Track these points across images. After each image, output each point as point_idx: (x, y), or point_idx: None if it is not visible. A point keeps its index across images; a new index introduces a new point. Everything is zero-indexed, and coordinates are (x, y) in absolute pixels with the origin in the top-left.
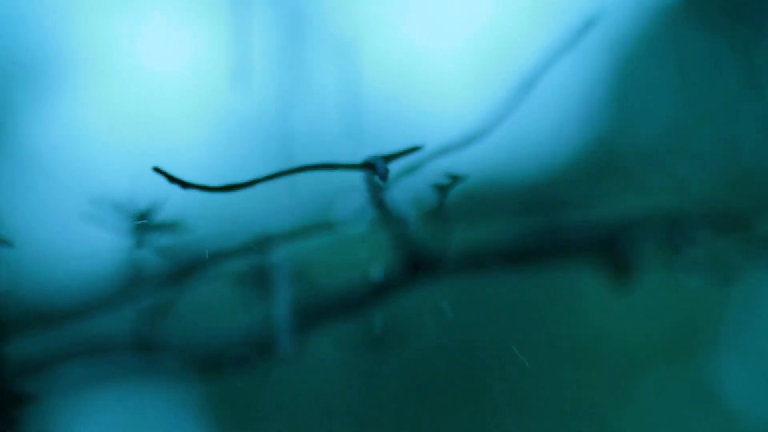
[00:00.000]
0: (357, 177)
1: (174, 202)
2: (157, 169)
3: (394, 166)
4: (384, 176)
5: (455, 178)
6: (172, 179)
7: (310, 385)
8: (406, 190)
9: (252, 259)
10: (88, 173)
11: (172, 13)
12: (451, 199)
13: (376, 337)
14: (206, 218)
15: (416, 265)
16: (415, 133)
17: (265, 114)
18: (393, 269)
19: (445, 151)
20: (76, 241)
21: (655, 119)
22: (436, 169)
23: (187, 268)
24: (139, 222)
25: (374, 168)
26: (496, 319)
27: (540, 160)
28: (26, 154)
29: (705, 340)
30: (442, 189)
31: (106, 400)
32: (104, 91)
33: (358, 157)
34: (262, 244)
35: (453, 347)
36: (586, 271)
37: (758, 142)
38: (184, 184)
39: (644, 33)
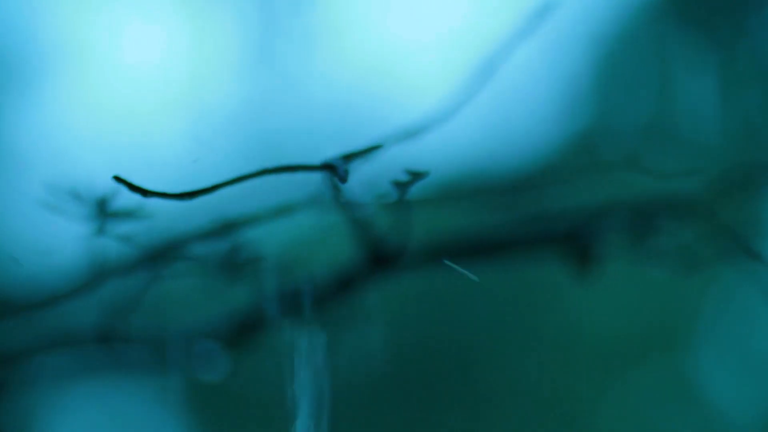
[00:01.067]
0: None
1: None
2: (117, 178)
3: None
4: (344, 178)
5: (416, 175)
6: (132, 188)
7: (274, 377)
8: (368, 182)
9: (216, 248)
10: (67, 168)
11: (152, 10)
12: (421, 191)
13: (336, 327)
14: (169, 205)
15: (377, 258)
16: (389, 128)
17: (244, 108)
18: (356, 262)
19: (402, 138)
20: (43, 232)
21: (636, 114)
22: (403, 160)
23: (151, 256)
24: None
25: (334, 169)
26: (470, 312)
27: (520, 154)
28: (5, 148)
29: (682, 335)
30: (402, 185)
31: (77, 394)
32: (84, 87)
33: (335, 149)
34: (225, 231)
35: (425, 340)
36: (554, 264)
37: (739, 135)
38: (145, 192)
39: (626, 28)
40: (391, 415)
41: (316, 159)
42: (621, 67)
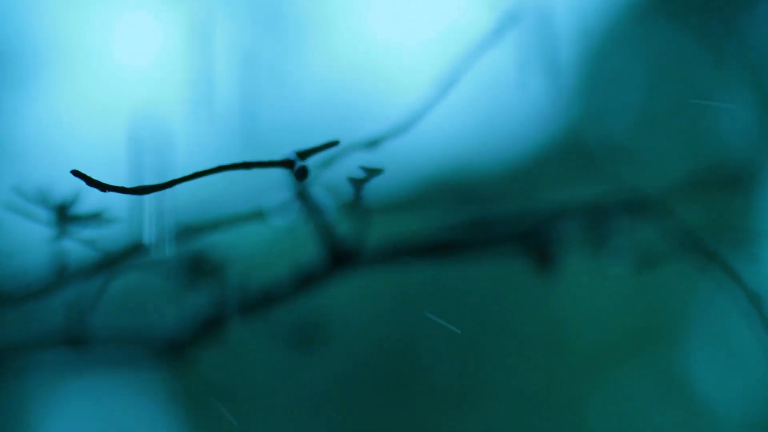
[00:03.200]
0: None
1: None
2: (75, 172)
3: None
4: (302, 173)
5: (372, 171)
6: (90, 182)
7: (239, 375)
8: (330, 182)
9: (180, 249)
10: (60, 164)
11: (144, 7)
12: (387, 192)
13: (301, 328)
14: (133, 208)
15: (337, 256)
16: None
17: (235, 105)
18: (317, 260)
19: (369, 144)
20: (8, 234)
21: (624, 111)
22: (376, 163)
23: (114, 258)
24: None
25: (292, 165)
26: (446, 312)
27: (505, 150)
28: None
29: (667, 332)
30: (358, 182)
31: (49, 393)
32: (76, 83)
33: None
34: (188, 233)
35: (400, 338)
36: (517, 262)
37: (726, 133)
38: (104, 187)
39: (613, 25)
40: (368, 414)
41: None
42: (608, 64)
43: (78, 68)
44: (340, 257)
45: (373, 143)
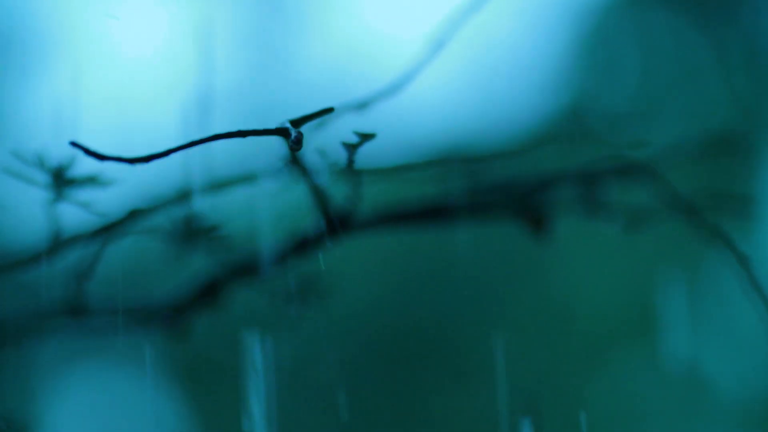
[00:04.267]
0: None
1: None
2: (73, 143)
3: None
4: (297, 141)
5: (365, 136)
6: (88, 152)
7: (235, 340)
8: (322, 145)
9: (174, 213)
10: (59, 148)
11: None
12: (383, 159)
13: (297, 291)
14: (129, 172)
15: (331, 221)
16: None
17: (236, 86)
18: (310, 224)
19: (356, 107)
20: (6, 198)
21: (622, 86)
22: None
23: (110, 223)
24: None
25: (287, 133)
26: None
27: (503, 126)
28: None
29: (665, 315)
30: (351, 147)
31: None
32: (79, 69)
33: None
34: (183, 197)
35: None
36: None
37: (723, 103)
38: (101, 157)
39: (610, 4)
40: (364, 387)
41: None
42: (601, 43)
43: (77, 51)
44: (334, 222)
45: (364, 105)
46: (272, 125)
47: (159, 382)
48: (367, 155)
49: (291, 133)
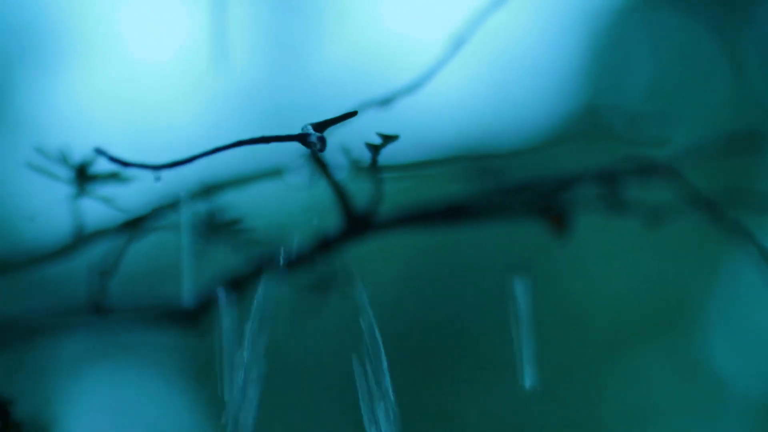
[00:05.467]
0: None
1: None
2: (98, 150)
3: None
4: (320, 146)
5: (388, 138)
6: (112, 159)
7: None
8: (344, 144)
9: (199, 210)
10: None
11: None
12: (404, 158)
13: (320, 284)
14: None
15: (353, 219)
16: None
17: (253, 90)
18: (333, 223)
19: (382, 102)
20: (30, 195)
21: (635, 85)
22: (391, 129)
23: (134, 219)
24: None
25: (309, 138)
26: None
27: (517, 126)
28: (20, 124)
29: (687, 312)
30: (374, 148)
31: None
32: (99, 70)
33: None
34: (206, 193)
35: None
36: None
37: (740, 101)
38: (125, 164)
39: (625, 4)
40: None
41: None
42: (617, 42)
43: (99, 49)
44: (356, 221)
45: (386, 102)
46: (289, 125)
47: (180, 379)
48: (386, 153)
49: (313, 138)
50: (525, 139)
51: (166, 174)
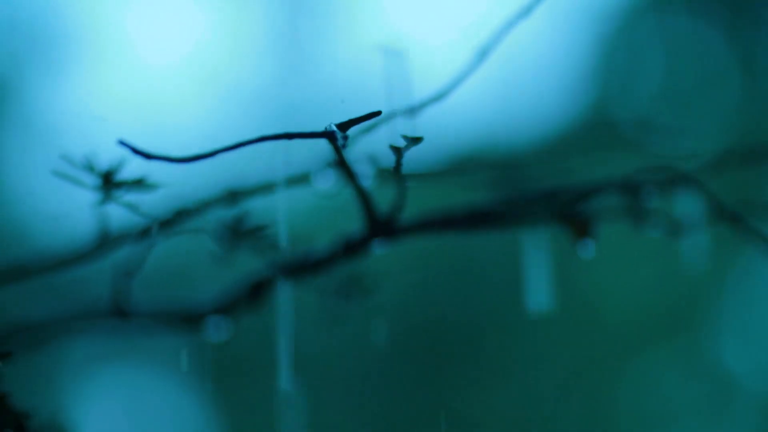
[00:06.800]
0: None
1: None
2: (121, 142)
3: (358, 129)
4: (343, 144)
5: (412, 140)
6: (135, 151)
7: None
8: (369, 150)
9: (223, 215)
10: (95, 146)
11: None
12: (426, 165)
13: (344, 290)
14: (177, 174)
15: (376, 224)
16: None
17: (268, 88)
18: (357, 228)
19: (404, 113)
20: (56, 200)
21: (644, 91)
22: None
23: (156, 224)
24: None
25: (334, 136)
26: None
27: (529, 131)
28: (32, 126)
29: (702, 314)
30: (398, 150)
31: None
32: (110, 71)
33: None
34: (230, 198)
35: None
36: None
37: (742, 111)
38: (148, 156)
39: (631, 8)
40: (396, 385)
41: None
42: (627, 48)
43: (115, 49)
44: (379, 225)
45: (412, 110)
46: (300, 126)
47: (201, 383)
48: (408, 161)
49: (338, 136)
50: (537, 146)
51: (190, 176)
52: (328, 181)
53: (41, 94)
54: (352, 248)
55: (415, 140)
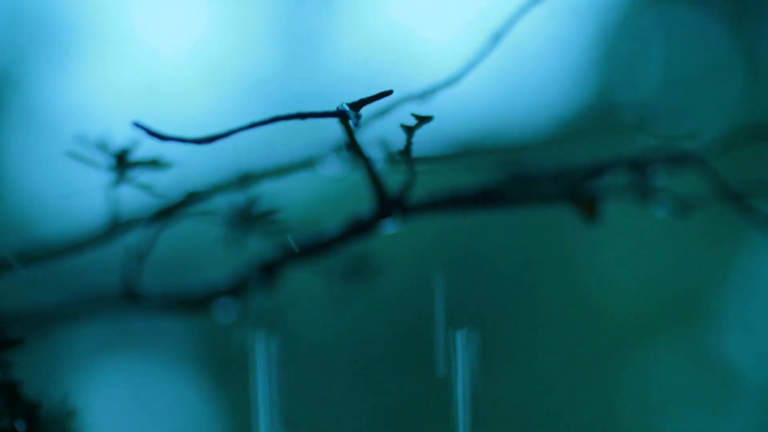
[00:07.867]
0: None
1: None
2: (136, 123)
3: (369, 110)
4: (356, 123)
5: (423, 119)
6: (150, 132)
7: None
8: (380, 133)
9: (233, 198)
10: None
11: None
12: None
13: (351, 271)
14: (189, 156)
15: (386, 204)
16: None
17: (271, 78)
18: (366, 208)
19: (420, 95)
20: (69, 181)
21: (647, 78)
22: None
23: (167, 206)
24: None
25: (346, 116)
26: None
27: (534, 117)
28: (36, 110)
29: (705, 304)
30: (409, 129)
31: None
32: (115, 62)
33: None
34: (242, 182)
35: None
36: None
37: (744, 101)
38: (163, 137)
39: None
40: (401, 366)
41: (334, 126)
42: (630, 35)
43: (121, 40)
44: (389, 206)
45: (424, 94)
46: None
47: (204, 368)
48: (416, 144)
49: (350, 115)
50: (544, 131)
51: (203, 158)
52: (337, 165)
53: (47, 82)
54: (362, 228)
55: (425, 119)
